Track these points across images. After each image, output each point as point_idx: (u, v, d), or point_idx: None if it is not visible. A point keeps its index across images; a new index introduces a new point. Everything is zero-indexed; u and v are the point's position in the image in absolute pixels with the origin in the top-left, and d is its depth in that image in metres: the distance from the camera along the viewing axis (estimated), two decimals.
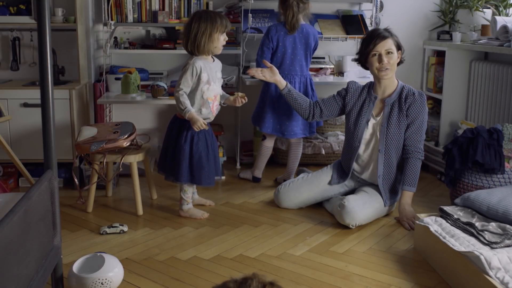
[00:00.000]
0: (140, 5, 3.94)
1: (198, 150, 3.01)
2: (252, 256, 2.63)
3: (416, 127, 3.06)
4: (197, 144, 3.01)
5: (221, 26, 2.98)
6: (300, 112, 3.30)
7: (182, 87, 2.96)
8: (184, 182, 3.05)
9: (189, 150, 3.00)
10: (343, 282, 2.36)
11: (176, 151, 3.02)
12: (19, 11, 3.71)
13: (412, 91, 3.06)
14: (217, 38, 2.99)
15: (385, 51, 3.02)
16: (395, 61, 3.06)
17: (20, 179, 3.69)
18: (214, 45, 3.00)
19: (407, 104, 3.04)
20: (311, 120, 3.36)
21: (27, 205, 1.61)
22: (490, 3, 4.00)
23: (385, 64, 3.02)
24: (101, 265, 2.22)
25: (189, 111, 2.94)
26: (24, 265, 1.58)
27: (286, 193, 3.27)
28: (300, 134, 3.61)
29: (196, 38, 2.95)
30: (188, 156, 3.00)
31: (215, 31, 2.96)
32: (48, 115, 1.90)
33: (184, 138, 3.00)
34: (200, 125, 2.94)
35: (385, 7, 4.26)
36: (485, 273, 2.06)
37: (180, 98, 2.95)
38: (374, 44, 3.03)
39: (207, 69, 3.00)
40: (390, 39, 3.05)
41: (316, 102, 3.30)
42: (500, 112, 3.58)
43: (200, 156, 3.01)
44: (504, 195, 2.65)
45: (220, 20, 2.97)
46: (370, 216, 3.01)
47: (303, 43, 3.53)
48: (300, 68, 3.55)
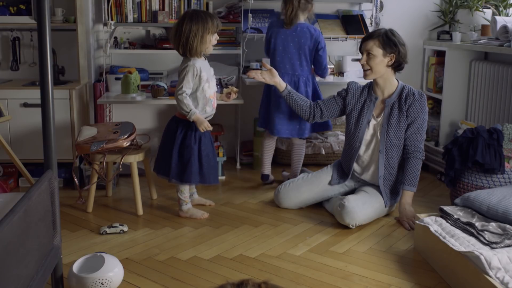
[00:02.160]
0: (140, 5, 3.94)
1: (206, 150, 3.03)
2: (252, 256, 2.63)
3: (416, 127, 3.06)
4: (204, 144, 3.03)
5: (213, 26, 2.95)
6: (300, 113, 3.30)
7: (184, 89, 2.95)
8: (196, 183, 3.07)
9: (198, 150, 3.01)
10: (343, 282, 2.36)
11: (186, 152, 3.01)
12: (19, 11, 3.71)
13: (412, 91, 3.06)
14: (209, 40, 2.97)
15: (366, 51, 3.04)
16: (377, 63, 3.02)
17: (20, 179, 3.69)
18: (206, 46, 2.97)
19: (407, 104, 3.04)
20: (312, 121, 3.35)
21: (27, 205, 1.61)
22: (490, 3, 4.00)
23: (363, 64, 3.04)
24: (101, 265, 2.22)
25: (194, 113, 2.94)
26: (24, 265, 1.58)
27: (286, 193, 3.27)
28: (285, 134, 3.54)
29: (188, 41, 2.92)
30: (198, 156, 3.01)
31: (207, 32, 2.94)
32: (48, 115, 1.90)
33: (193, 139, 3.00)
34: (206, 126, 2.96)
35: (385, 7, 4.26)
36: (485, 273, 2.06)
37: (184, 101, 2.94)
38: (361, 44, 3.10)
39: (205, 68, 3.01)
40: (372, 41, 3.02)
41: (317, 103, 3.29)
42: (500, 112, 3.58)
43: (208, 156, 3.03)
44: (504, 195, 2.65)
45: (211, 21, 2.94)
46: (370, 216, 3.01)
47: (295, 42, 3.47)
48: (291, 67, 3.49)
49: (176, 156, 3.02)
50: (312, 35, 3.47)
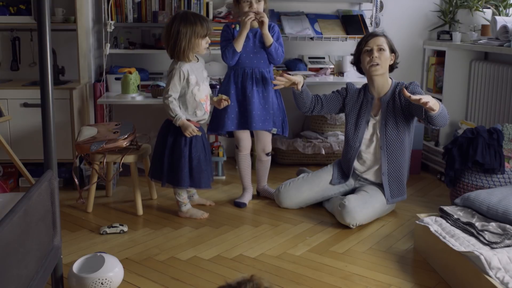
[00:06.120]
0: (140, 5, 3.94)
1: (197, 153, 3.00)
2: (252, 256, 2.63)
3: (418, 93, 2.92)
4: (195, 147, 2.99)
5: (202, 30, 2.88)
6: (301, 107, 3.25)
7: (171, 93, 2.91)
8: (186, 187, 3.04)
9: (188, 153, 2.99)
10: (343, 282, 2.36)
11: (175, 156, 2.99)
12: (19, 11, 3.71)
13: (405, 84, 3.07)
14: (198, 44, 2.91)
15: (377, 46, 3.03)
16: (386, 59, 3.05)
17: (20, 179, 3.69)
18: (195, 50, 2.92)
19: (400, 95, 3.04)
20: (309, 114, 3.34)
21: (27, 205, 1.61)
22: (490, 3, 3.99)
23: (375, 58, 3.02)
24: (101, 265, 2.22)
25: (180, 118, 2.90)
26: (24, 265, 1.58)
27: (287, 193, 3.27)
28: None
29: (176, 44, 2.87)
30: (188, 160, 2.99)
31: (196, 36, 2.87)
32: (48, 115, 1.90)
33: (183, 141, 2.98)
34: (191, 131, 2.91)
35: (385, 7, 4.26)
36: (485, 273, 2.06)
37: (170, 105, 2.90)
38: (366, 41, 3.07)
39: (194, 71, 2.95)
40: (383, 38, 3.06)
41: (318, 97, 3.25)
42: (500, 112, 3.58)
43: (199, 159, 3.01)
44: (504, 195, 2.65)
45: (200, 24, 2.87)
46: (370, 216, 3.01)
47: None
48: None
49: (167, 159, 3.00)
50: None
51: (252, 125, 3.17)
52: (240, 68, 3.18)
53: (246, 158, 3.37)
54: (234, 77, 3.19)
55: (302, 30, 4.06)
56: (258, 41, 3.17)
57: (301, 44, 4.33)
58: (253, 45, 3.17)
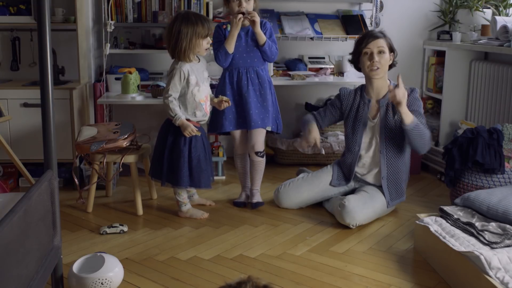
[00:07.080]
0: (140, 5, 3.94)
1: (196, 153, 3.00)
2: (252, 256, 2.63)
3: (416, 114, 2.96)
4: (195, 147, 3.00)
5: (203, 30, 2.89)
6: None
7: (171, 92, 2.92)
8: (185, 186, 3.04)
9: (187, 153, 2.99)
10: (343, 282, 2.36)
11: (175, 155, 2.99)
12: (19, 11, 3.71)
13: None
14: (199, 44, 2.92)
15: (377, 49, 3.02)
16: (386, 61, 3.04)
17: (20, 179, 3.69)
18: (196, 50, 2.93)
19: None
20: None
21: (27, 205, 1.61)
22: (490, 3, 3.99)
23: (375, 63, 3.01)
24: (101, 265, 2.22)
25: (179, 118, 2.91)
26: (24, 265, 1.58)
27: (286, 193, 3.27)
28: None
29: (177, 44, 2.88)
30: (187, 159, 2.99)
31: (197, 36, 2.89)
32: (48, 115, 1.90)
33: (183, 141, 2.98)
34: (191, 131, 2.92)
35: (385, 7, 4.26)
36: (485, 273, 2.06)
37: (169, 105, 2.91)
38: (366, 43, 3.04)
39: (194, 71, 2.96)
40: (383, 39, 3.04)
41: (314, 116, 3.27)
42: (500, 112, 3.58)
43: (198, 159, 3.01)
44: (504, 195, 2.65)
45: (201, 24, 2.89)
46: (370, 216, 3.01)
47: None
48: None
49: (167, 159, 3.00)
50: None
51: (251, 125, 3.16)
52: (235, 69, 3.17)
53: (244, 158, 3.37)
54: (229, 78, 3.19)
55: (302, 30, 4.06)
56: (250, 39, 3.15)
57: (301, 44, 4.33)
58: (246, 44, 3.16)
